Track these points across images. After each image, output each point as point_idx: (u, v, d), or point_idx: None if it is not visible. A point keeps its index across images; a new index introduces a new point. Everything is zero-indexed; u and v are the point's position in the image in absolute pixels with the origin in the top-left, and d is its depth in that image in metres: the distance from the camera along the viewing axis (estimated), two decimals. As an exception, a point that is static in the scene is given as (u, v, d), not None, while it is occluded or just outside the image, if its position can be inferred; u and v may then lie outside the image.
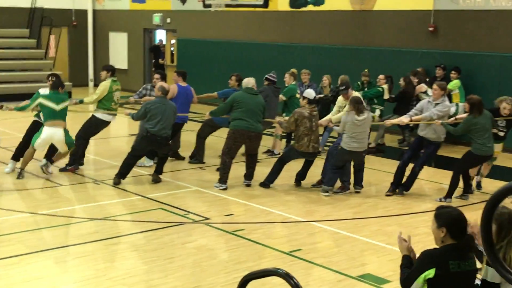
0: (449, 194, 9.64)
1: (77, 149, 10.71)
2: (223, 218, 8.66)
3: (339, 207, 9.32)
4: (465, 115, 9.74)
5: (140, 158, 10.52)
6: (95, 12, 24.71)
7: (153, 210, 8.91)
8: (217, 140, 12.26)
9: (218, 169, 10.43)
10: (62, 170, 10.75)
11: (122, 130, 15.51)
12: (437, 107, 9.68)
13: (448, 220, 4.30)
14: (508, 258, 4.35)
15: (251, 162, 10.25)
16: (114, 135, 14.51)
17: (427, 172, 10.81)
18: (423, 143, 9.93)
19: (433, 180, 10.99)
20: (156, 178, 10.30)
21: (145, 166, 11.22)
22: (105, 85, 10.86)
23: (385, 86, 13.57)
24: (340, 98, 11.02)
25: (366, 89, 13.65)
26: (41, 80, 18.96)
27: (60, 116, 10.14)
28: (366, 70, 14.10)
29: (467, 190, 9.88)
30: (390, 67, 15.06)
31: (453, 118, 9.93)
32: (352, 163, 10.07)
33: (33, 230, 7.94)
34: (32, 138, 10.12)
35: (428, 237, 7.71)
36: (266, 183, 10.18)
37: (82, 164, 11.01)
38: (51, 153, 10.46)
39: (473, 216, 4.47)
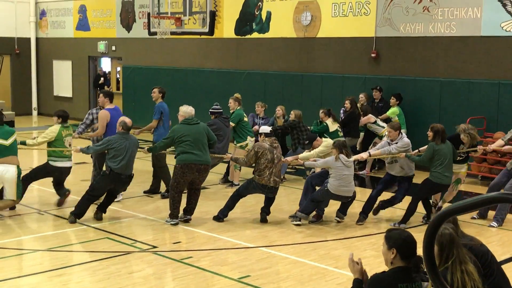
0: (404, 220, 9.63)
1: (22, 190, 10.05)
2: (170, 246, 8.58)
3: (287, 232, 9.33)
4: (424, 147, 9.92)
5: (98, 198, 9.77)
6: (38, 40, 24.41)
7: (99, 240, 8.76)
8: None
9: (163, 196, 10.26)
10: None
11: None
12: (396, 144, 9.80)
13: (398, 241, 4.37)
14: (456, 280, 4.40)
15: (194, 197, 9.70)
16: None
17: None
18: (394, 178, 10.00)
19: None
20: (99, 217, 9.70)
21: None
22: (53, 131, 10.11)
23: (328, 121, 13.31)
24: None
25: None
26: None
27: (11, 151, 9.46)
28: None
29: (429, 216, 9.81)
30: (334, 92, 15.30)
31: (416, 151, 10.05)
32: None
33: (-27, 263, 7.70)
34: None
35: (376, 260, 7.82)
36: (220, 217, 9.79)
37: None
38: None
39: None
